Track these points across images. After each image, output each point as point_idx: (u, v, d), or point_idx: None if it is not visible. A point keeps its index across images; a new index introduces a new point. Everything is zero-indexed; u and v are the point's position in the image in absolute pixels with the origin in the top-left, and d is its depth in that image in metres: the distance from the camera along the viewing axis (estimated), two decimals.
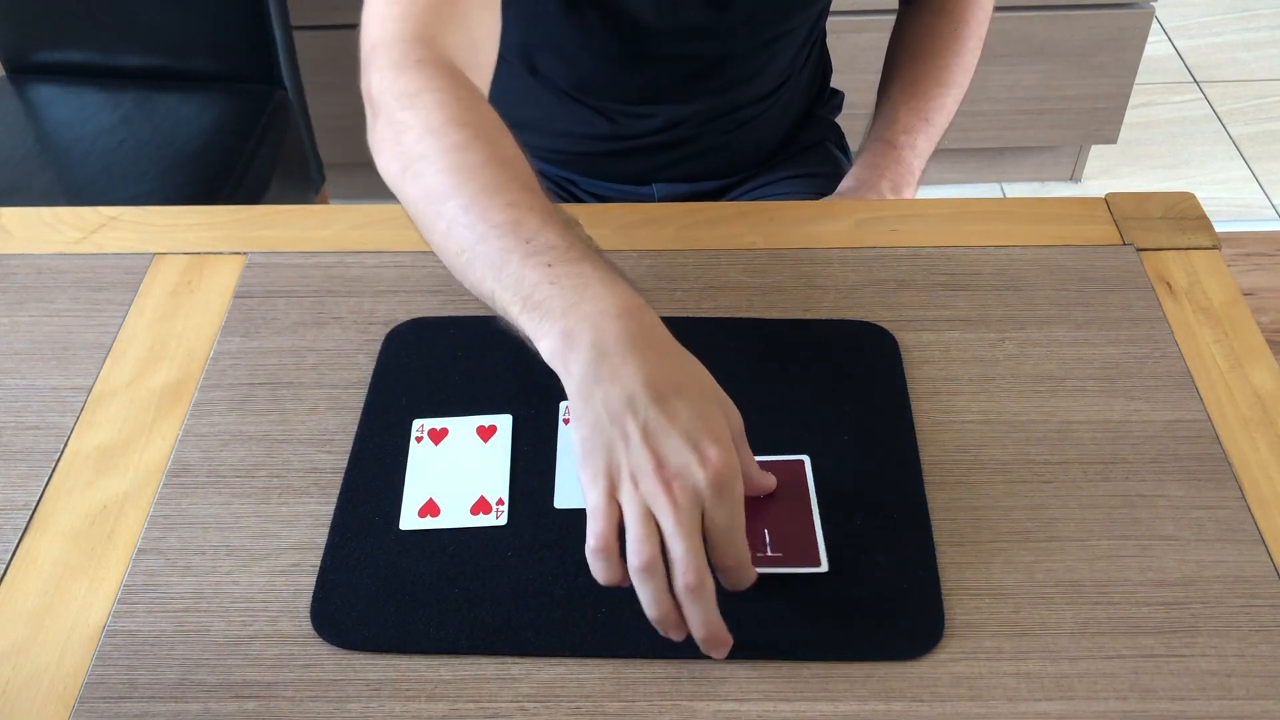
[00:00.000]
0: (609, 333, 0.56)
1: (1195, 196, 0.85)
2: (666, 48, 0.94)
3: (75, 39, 1.46)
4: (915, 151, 0.99)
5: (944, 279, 0.79)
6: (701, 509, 0.54)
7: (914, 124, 0.99)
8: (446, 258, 0.64)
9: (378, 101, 0.68)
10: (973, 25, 1.03)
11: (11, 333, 0.77)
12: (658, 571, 0.54)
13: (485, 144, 0.64)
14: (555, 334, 0.57)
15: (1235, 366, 0.73)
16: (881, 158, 0.98)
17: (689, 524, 0.53)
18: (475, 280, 0.62)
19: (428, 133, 0.64)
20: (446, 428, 0.70)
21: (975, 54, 1.04)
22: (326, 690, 0.58)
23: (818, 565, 0.61)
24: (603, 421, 0.55)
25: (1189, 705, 0.57)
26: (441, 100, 0.65)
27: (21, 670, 0.59)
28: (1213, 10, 2.54)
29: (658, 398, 0.55)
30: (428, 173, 0.64)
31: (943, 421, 0.70)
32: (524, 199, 0.62)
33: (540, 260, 0.59)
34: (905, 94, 1.01)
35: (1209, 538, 0.64)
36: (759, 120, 1.03)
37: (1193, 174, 2.16)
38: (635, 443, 0.55)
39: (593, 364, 0.56)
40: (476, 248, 0.61)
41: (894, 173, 0.97)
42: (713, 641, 0.56)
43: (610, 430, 0.55)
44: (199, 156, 1.37)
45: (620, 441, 0.55)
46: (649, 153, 1.02)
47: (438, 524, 0.65)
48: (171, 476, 0.68)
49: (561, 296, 0.58)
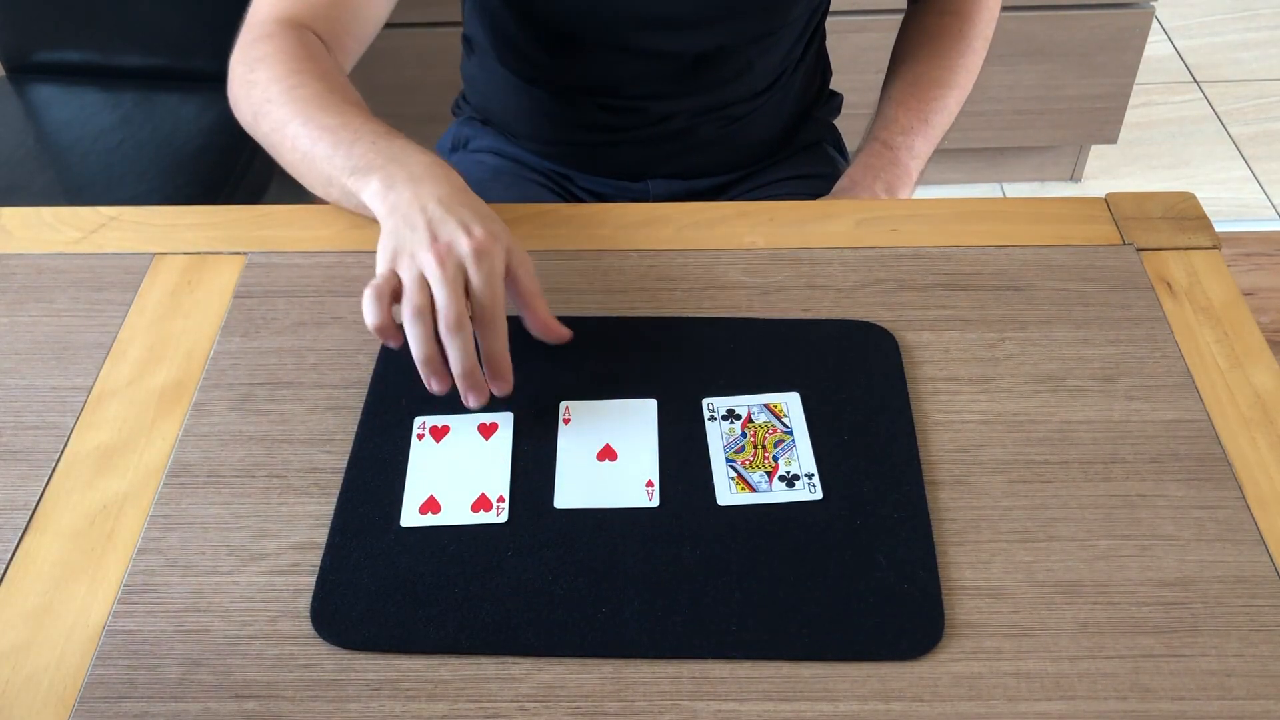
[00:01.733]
0: (420, 172, 0.71)
1: (1195, 196, 0.85)
2: (646, 40, 0.94)
3: (75, 39, 1.46)
4: (912, 153, 0.99)
5: (944, 279, 0.79)
6: (465, 274, 0.66)
7: (913, 125, 0.99)
8: (294, 170, 0.78)
9: (233, 69, 0.83)
10: (979, 26, 1.02)
11: (11, 333, 0.77)
12: (425, 316, 0.65)
13: (318, 79, 0.78)
14: (376, 181, 0.71)
15: (1235, 366, 0.73)
16: (878, 159, 0.98)
17: (451, 279, 0.65)
18: (316, 177, 0.76)
19: (272, 82, 0.78)
20: (448, 425, 0.70)
21: (980, 55, 1.03)
22: (326, 690, 0.58)
23: None
24: (399, 220, 0.69)
25: (1189, 705, 0.57)
26: (284, 59, 0.79)
27: (21, 670, 0.59)
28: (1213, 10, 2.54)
29: (447, 205, 0.68)
30: (273, 111, 0.78)
31: (943, 421, 0.70)
32: (351, 110, 0.76)
33: (366, 142, 0.73)
34: (905, 94, 1.01)
35: (1209, 538, 0.64)
36: (752, 117, 1.03)
37: (1193, 174, 2.16)
38: (420, 228, 0.67)
39: (404, 187, 0.70)
40: (314, 149, 0.75)
41: (889, 174, 0.97)
42: (470, 379, 0.66)
43: (402, 225, 0.68)
44: (199, 156, 1.37)
45: (407, 229, 0.68)
46: (641, 145, 1.02)
47: (438, 521, 0.65)
48: (171, 476, 0.68)
49: (382, 157, 0.72)
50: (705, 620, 0.60)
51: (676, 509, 0.65)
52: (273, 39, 0.81)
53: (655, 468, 0.67)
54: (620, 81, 0.98)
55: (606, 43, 0.95)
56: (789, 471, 0.67)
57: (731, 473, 0.67)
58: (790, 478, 0.66)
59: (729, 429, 0.69)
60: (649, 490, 0.66)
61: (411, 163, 0.71)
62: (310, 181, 0.78)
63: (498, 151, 1.09)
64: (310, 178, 0.77)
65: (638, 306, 0.77)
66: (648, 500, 0.66)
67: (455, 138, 1.13)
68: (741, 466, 0.67)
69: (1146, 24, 1.88)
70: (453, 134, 1.13)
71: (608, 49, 0.96)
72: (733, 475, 0.67)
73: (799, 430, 0.69)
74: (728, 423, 0.69)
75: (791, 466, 0.67)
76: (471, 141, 1.11)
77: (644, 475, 0.67)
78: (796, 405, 0.70)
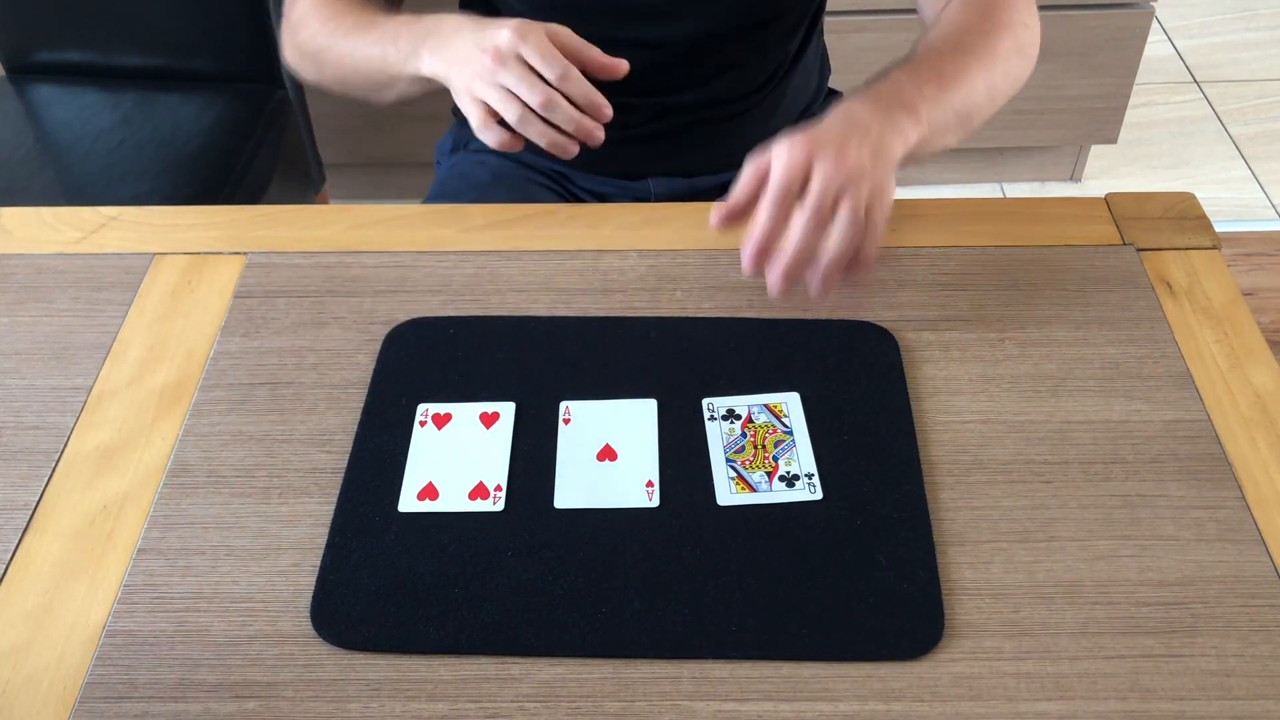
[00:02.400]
0: (450, 29, 0.81)
1: (1195, 196, 0.85)
2: (632, 31, 0.94)
3: (75, 39, 1.46)
4: (921, 95, 0.78)
5: (944, 279, 0.79)
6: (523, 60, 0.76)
7: (924, 77, 0.80)
8: (369, 92, 0.91)
9: (284, 47, 0.97)
10: (1011, 28, 0.88)
11: (11, 333, 0.77)
12: (525, 94, 0.75)
13: (353, 16, 0.90)
14: (425, 55, 0.81)
15: (1235, 366, 0.73)
16: (875, 94, 0.78)
17: (518, 61, 0.75)
18: (385, 84, 0.88)
19: (315, 36, 0.92)
20: (450, 413, 0.70)
21: (1013, 44, 0.87)
22: (326, 690, 0.58)
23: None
24: (459, 67, 0.78)
25: (1189, 705, 0.57)
26: (318, 13, 0.92)
27: (21, 670, 0.59)
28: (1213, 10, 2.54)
29: (481, 30, 0.78)
30: (328, 55, 0.91)
31: (943, 421, 0.70)
32: (381, 21, 0.88)
33: (404, 35, 0.84)
34: (912, 61, 0.83)
35: (1209, 538, 0.64)
36: (749, 115, 1.03)
37: (1193, 174, 2.16)
38: (473, 60, 0.77)
39: (448, 44, 0.80)
40: (370, 64, 0.87)
41: (882, 115, 0.75)
42: (594, 106, 0.76)
43: (464, 68, 0.78)
44: (199, 156, 1.37)
45: (468, 68, 0.77)
46: (637, 143, 1.02)
47: (436, 507, 0.65)
48: (171, 476, 0.68)
49: (418, 38, 0.82)
50: (705, 620, 0.60)
51: (676, 509, 0.65)
52: (301, 2, 0.95)
53: (655, 468, 0.67)
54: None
55: (592, 35, 0.95)
56: (789, 471, 0.67)
57: (731, 473, 0.67)
58: (790, 478, 0.66)
59: (729, 429, 0.69)
60: (649, 490, 0.66)
61: (443, 29, 0.82)
62: (384, 95, 0.90)
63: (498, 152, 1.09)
64: (384, 92, 0.90)
65: (638, 306, 0.77)
66: (648, 500, 0.66)
67: (456, 138, 1.13)
68: (741, 466, 0.67)
69: (1146, 24, 1.88)
70: (453, 134, 1.13)
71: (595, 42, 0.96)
72: (733, 475, 0.67)
73: (799, 430, 0.69)
74: (728, 423, 0.69)
75: (791, 466, 0.67)
76: (472, 142, 1.11)
77: (644, 475, 0.67)
78: (796, 405, 0.70)
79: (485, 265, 0.81)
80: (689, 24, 0.95)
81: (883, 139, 0.72)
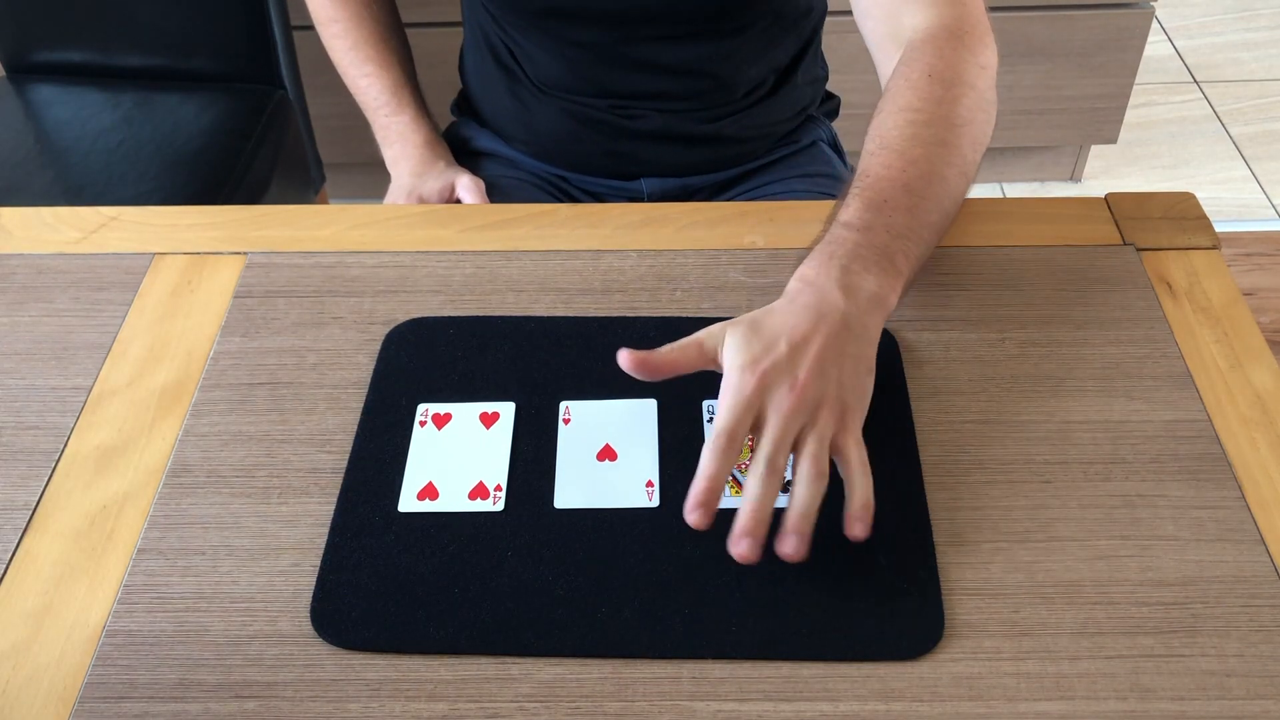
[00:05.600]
0: (397, 170, 1.08)
1: (1195, 196, 0.85)
2: (640, 52, 0.94)
3: (75, 39, 1.46)
4: (891, 231, 0.68)
5: (944, 279, 0.79)
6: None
7: (886, 196, 0.70)
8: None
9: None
10: (970, 85, 0.76)
11: (11, 333, 0.77)
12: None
13: (350, 37, 1.09)
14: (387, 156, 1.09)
15: (1235, 366, 0.73)
16: (832, 246, 0.68)
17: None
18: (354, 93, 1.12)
19: (323, 24, 1.11)
20: (450, 413, 0.70)
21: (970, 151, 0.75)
22: (326, 690, 0.58)
23: None
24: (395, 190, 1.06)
25: (1189, 705, 0.57)
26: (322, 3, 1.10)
27: (21, 670, 0.59)
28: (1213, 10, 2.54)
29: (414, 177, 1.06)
30: (334, 55, 1.11)
31: (943, 421, 0.70)
32: (369, 74, 1.09)
33: (377, 120, 1.09)
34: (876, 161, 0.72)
35: (1209, 538, 0.64)
36: (739, 117, 1.03)
37: (1193, 174, 2.16)
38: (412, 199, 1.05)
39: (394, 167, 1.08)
40: (351, 83, 1.11)
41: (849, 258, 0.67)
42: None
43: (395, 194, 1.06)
44: (199, 156, 1.37)
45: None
46: (628, 143, 1.02)
47: (436, 507, 0.65)
48: (171, 476, 0.68)
49: (379, 128, 1.09)
50: (705, 620, 0.60)
51: (676, 509, 0.65)
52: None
53: (655, 468, 0.67)
54: (594, 77, 0.99)
55: (568, 39, 0.96)
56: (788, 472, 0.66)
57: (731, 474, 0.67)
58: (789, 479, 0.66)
59: None
60: (649, 490, 0.66)
61: (385, 153, 1.09)
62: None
63: (495, 152, 1.10)
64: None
65: (638, 306, 0.77)
66: (648, 500, 0.66)
67: (455, 138, 1.13)
68: (740, 468, 0.67)
69: (1146, 24, 1.88)
70: (453, 134, 1.14)
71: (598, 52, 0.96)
72: (732, 477, 0.66)
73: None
74: None
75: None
76: (471, 142, 1.11)
77: (644, 475, 0.67)
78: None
79: (485, 265, 0.81)
80: (653, 27, 0.95)
81: (857, 327, 0.64)
